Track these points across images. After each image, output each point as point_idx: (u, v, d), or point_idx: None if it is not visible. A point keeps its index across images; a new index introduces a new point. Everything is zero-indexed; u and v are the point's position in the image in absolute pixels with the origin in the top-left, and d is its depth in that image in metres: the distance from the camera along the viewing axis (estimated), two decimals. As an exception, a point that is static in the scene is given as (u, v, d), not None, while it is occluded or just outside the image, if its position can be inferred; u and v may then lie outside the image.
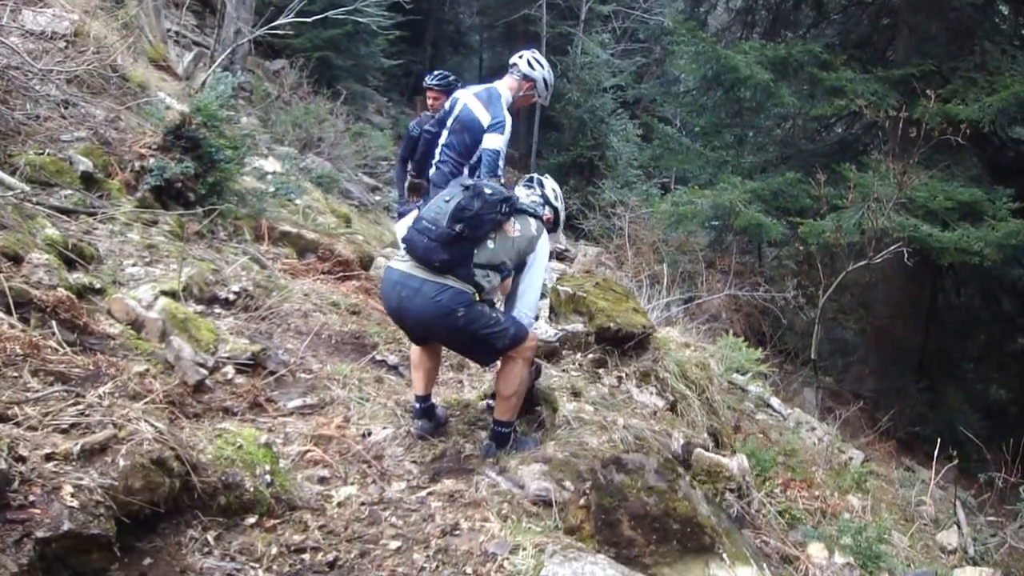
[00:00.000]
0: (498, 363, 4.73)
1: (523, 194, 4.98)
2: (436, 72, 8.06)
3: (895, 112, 11.20)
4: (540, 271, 4.72)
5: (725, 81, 15.00)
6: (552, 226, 5.06)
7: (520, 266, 4.65)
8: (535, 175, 5.22)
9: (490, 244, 4.37)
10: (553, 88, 6.49)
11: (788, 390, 12.06)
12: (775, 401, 10.17)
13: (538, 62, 6.29)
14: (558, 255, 16.61)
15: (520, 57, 6.41)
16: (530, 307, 4.71)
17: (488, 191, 4.35)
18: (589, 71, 23.41)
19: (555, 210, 5.09)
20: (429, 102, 7.88)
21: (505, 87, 6.31)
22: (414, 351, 4.84)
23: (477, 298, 4.33)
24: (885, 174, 11.67)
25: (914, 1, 13.51)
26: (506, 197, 4.42)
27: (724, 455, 5.99)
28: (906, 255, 11.01)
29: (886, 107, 12.06)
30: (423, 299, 4.26)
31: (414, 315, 4.35)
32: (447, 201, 4.30)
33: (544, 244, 4.72)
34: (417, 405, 4.83)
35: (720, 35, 17.79)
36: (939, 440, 9.00)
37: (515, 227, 4.50)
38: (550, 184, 5.15)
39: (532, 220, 4.68)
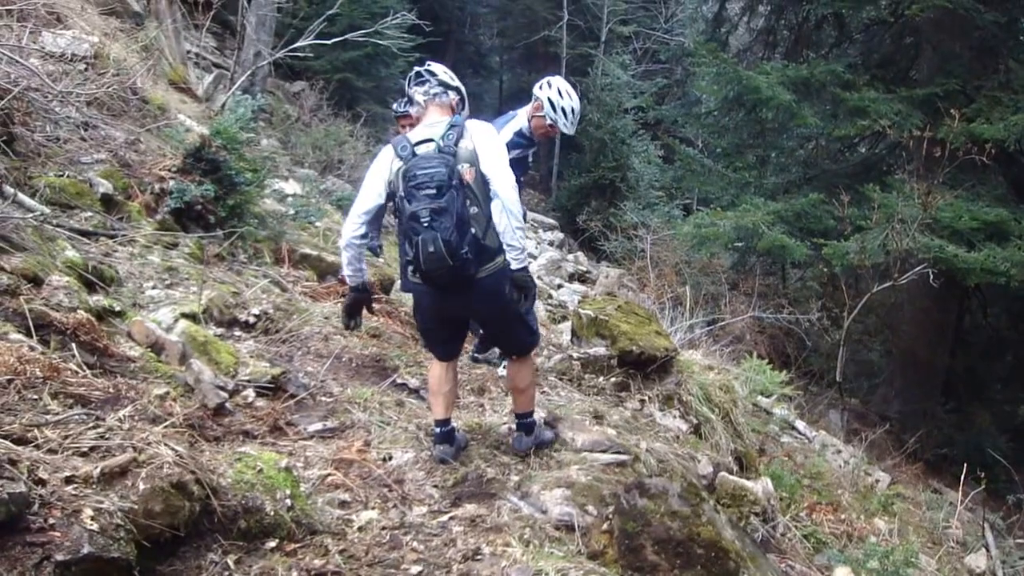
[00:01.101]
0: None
1: (419, 92, 4.63)
2: (404, 99, 7.45)
3: (919, 132, 11.13)
4: (498, 161, 4.41)
5: (747, 102, 14.94)
6: (462, 104, 4.74)
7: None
8: (421, 69, 4.77)
9: (473, 210, 4.29)
10: (573, 116, 6.09)
11: (813, 412, 11.94)
12: (800, 424, 10.08)
13: (549, 84, 6.10)
14: (580, 276, 16.56)
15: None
16: (510, 195, 4.39)
17: (434, 193, 4.15)
18: (610, 92, 23.42)
19: (456, 89, 4.72)
20: (405, 131, 7.51)
21: (524, 111, 6.28)
22: (433, 374, 4.82)
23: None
24: (909, 194, 11.59)
25: (937, 20, 13.39)
26: (447, 175, 4.19)
27: (749, 478, 5.93)
28: (931, 276, 10.93)
29: (910, 127, 11.98)
30: (479, 294, 4.41)
31: (481, 307, 4.58)
32: (432, 251, 4.10)
33: (483, 139, 4.43)
34: (437, 429, 4.78)
35: (741, 56, 17.73)
36: (967, 462, 8.90)
37: (469, 170, 4.32)
38: (440, 67, 4.78)
39: (462, 144, 4.36)
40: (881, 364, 16.72)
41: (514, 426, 5.01)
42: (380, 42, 15.33)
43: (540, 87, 6.15)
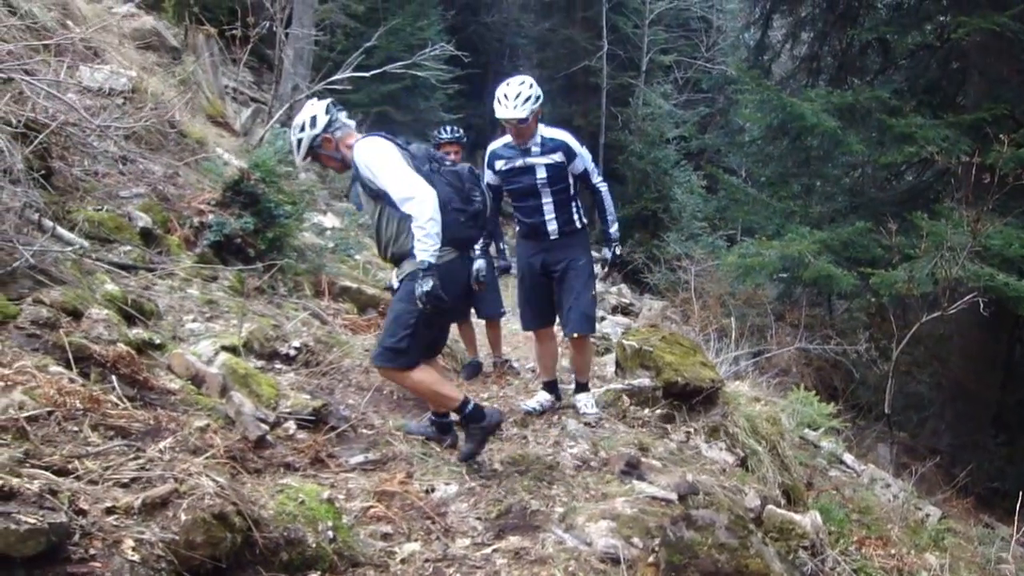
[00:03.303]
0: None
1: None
2: (449, 127, 7.61)
3: (967, 158, 10.94)
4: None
5: (791, 130, 14.79)
6: None
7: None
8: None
9: None
10: (502, 100, 5.81)
11: (861, 446, 11.70)
12: (848, 457, 9.87)
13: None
14: (623, 309, 16.46)
15: None
16: None
17: None
18: (651, 122, 23.36)
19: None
20: (450, 158, 7.21)
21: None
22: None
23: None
24: (958, 222, 11.35)
25: (984, 44, 13.19)
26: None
27: (796, 512, 5.80)
28: (982, 305, 10.66)
29: (958, 153, 11.78)
30: None
31: None
32: None
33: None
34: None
35: (785, 83, 17.54)
36: (1019, 495, 8.67)
37: None
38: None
39: None
40: (930, 396, 16.37)
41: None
42: (419, 74, 15.39)
43: None
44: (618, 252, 6.35)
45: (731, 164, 22.33)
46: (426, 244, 4.54)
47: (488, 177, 6.11)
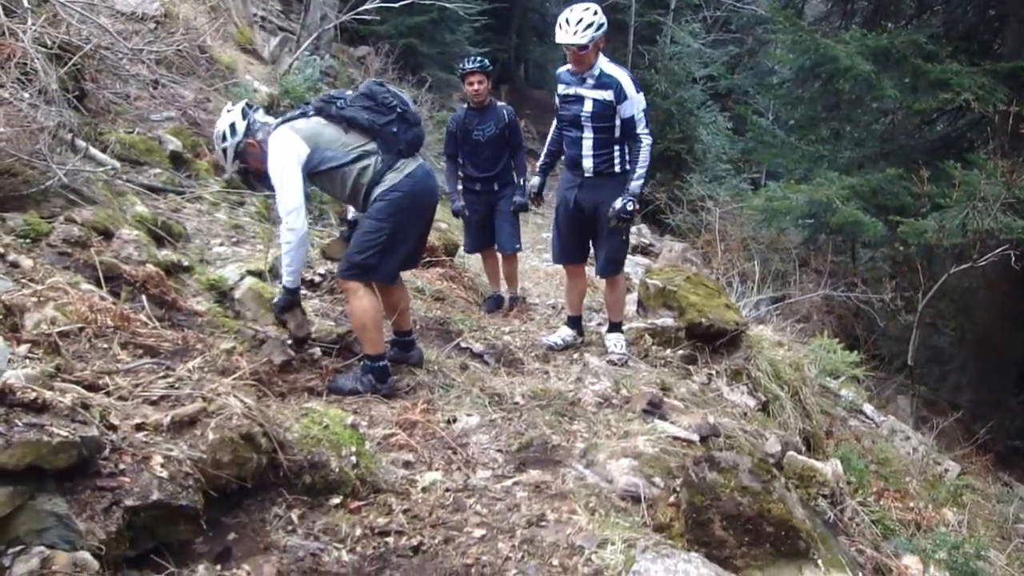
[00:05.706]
0: None
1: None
2: (473, 56, 7.48)
3: (1004, 107, 10.73)
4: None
5: (823, 72, 14.46)
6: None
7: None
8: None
9: None
10: (563, 25, 5.62)
11: (882, 397, 11.66)
12: (868, 407, 9.84)
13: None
14: (643, 249, 16.35)
15: None
16: None
17: None
18: (678, 61, 22.79)
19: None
20: (474, 87, 7.19)
21: None
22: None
23: None
24: (992, 172, 11.13)
25: (1024, -9, 12.92)
26: None
27: (816, 459, 5.80)
28: (1013, 259, 10.53)
29: (994, 102, 11.54)
30: None
31: None
32: None
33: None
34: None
35: (817, 24, 17.21)
36: (1040, 455, 8.67)
37: None
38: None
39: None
40: (953, 350, 16.20)
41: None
42: (447, 5, 15.19)
43: None
44: (629, 208, 5.81)
45: (759, 106, 21.93)
46: (289, 267, 4.61)
47: (557, 100, 6.05)
